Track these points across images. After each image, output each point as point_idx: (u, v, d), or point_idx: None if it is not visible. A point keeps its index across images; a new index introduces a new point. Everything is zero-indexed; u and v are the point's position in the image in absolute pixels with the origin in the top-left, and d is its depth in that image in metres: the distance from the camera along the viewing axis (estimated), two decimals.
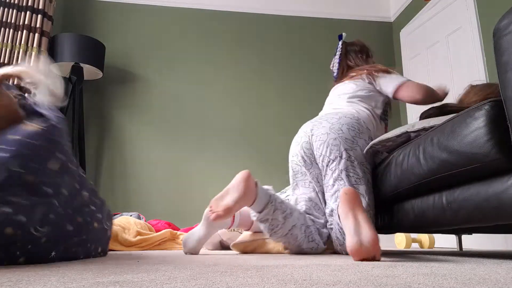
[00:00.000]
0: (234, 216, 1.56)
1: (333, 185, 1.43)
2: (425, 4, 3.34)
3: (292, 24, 3.78)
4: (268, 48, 3.69)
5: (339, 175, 1.42)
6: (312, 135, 1.52)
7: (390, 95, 1.63)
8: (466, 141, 0.98)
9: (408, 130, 1.30)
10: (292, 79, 3.65)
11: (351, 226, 1.07)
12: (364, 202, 1.39)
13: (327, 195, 1.47)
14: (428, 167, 1.13)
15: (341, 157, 1.43)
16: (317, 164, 1.53)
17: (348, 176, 1.42)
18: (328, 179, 1.46)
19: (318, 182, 1.52)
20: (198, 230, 1.50)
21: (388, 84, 1.63)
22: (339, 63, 1.88)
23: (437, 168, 1.09)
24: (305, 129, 1.58)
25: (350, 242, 1.04)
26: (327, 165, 1.46)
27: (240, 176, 1.30)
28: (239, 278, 0.61)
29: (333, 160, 1.44)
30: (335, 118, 1.52)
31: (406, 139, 1.33)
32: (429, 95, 1.56)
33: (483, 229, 1.65)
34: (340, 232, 1.36)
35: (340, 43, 1.91)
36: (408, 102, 1.61)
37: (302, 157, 1.55)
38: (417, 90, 1.55)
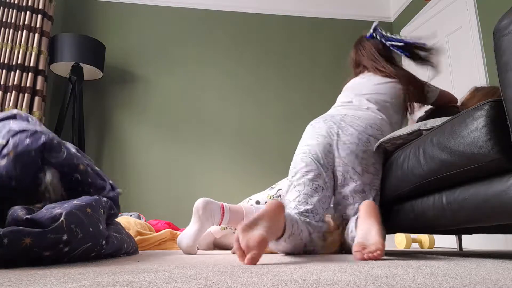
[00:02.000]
0: (223, 212, 1.55)
1: (354, 197, 1.41)
2: (425, 4, 3.34)
3: (292, 24, 3.78)
4: (268, 48, 3.69)
5: (363, 189, 1.41)
6: (338, 140, 1.45)
7: (430, 102, 1.71)
8: (466, 141, 0.98)
9: (421, 128, 1.28)
10: (292, 79, 3.65)
11: (363, 229, 1.13)
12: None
13: (343, 202, 1.44)
14: (428, 168, 1.13)
15: (367, 171, 1.42)
16: (330, 168, 1.44)
17: (371, 189, 1.42)
18: (347, 189, 1.42)
19: (328, 185, 1.44)
20: (190, 227, 1.49)
21: (432, 93, 1.69)
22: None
23: (437, 168, 1.09)
24: (329, 130, 1.47)
25: (356, 242, 1.09)
26: (350, 177, 1.41)
27: (273, 206, 1.12)
28: (239, 278, 0.61)
29: (360, 174, 1.41)
30: (361, 126, 1.46)
31: (417, 137, 1.31)
32: (454, 101, 1.76)
33: (483, 229, 1.65)
34: (351, 240, 1.36)
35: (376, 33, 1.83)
36: (441, 107, 1.74)
37: (322, 159, 1.43)
38: (450, 97, 1.72)
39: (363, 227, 1.15)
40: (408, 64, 1.93)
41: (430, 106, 1.79)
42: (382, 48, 1.78)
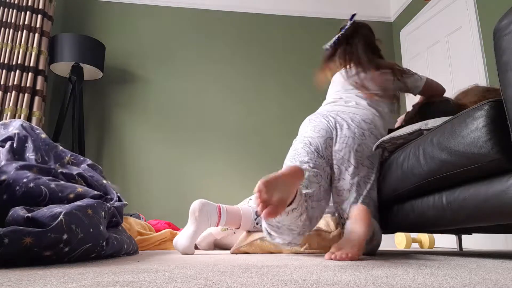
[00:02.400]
0: (220, 214, 1.55)
1: (350, 190, 1.42)
2: (425, 4, 3.34)
3: (292, 24, 3.78)
4: (267, 48, 3.69)
5: (358, 182, 1.42)
6: (336, 135, 1.46)
7: (416, 93, 1.71)
8: (465, 141, 0.98)
9: (422, 128, 1.28)
10: (292, 78, 3.65)
11: (348, 232, 1.21)
12: (373, 206, 1.44)
13: (338, 198, 1.44)
14: (428, 168, 1.13)
15: (362, 164, 1.43)
16: (329, 161, 1.45)
17: (365, 182, 1.43)
18: (343, 183, 1.42)
19: (327, 176, 1.44)
20: (187, 228, 1.50)
21: (416, 83, 1.68)
22: (338, 40, 1.80)
23: (437, 168, 1.09)
24: (328, 124, 1.47)
25: (337, 243, 1.18)
26: (346, 169, 1.43)
27: (291, 171, 1.09)
28: (239, 278, 0.61)
29: (355, 167, 1.42)
30: (356, 121, 1.48)
31: (418, 137, 1.30)
32: (441, 92, 1.75)
33: (483, 229, 1.65)
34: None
35: (349, 23, 1.82)
36: (429, 98, 1.72)
37: (323, 151, 1.43)
38: (437, 87, 1.72)
39: (349, 229, 1.20)
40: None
41: (418, 97, 1.79)
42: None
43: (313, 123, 1.51)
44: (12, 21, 2.90)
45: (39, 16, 2.96)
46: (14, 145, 1.16)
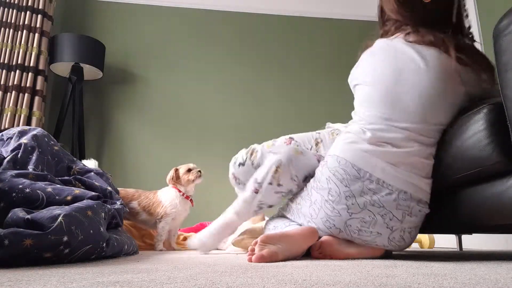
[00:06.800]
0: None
1: None
2: None
3: (292, 24, 3.78)
4: (268, 48, 3.69)
5: None
6: (346, 228, 1.10)
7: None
8: (466, 145, 0.98)
9: None
10: (292, 79, 3.65)
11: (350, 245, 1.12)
12: None
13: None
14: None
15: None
16: None
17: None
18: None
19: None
20: (214, 242, 1.47)
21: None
22: None
23: (438, 174, 1.09)
24: (332, 216, 1.09)
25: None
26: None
27: (305, 233, 1.07)
28: (239, 278, 0.61)
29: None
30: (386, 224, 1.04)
31: None
32: None
33: (483, 229, 1.65)
34: None
35: None
36: None
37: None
38: None
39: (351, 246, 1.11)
40: None
41: None
42: None
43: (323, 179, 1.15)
44: (12, 21, 2.90)
45: (39, 16, 2.96)
46: (19, 155, 1.16)
